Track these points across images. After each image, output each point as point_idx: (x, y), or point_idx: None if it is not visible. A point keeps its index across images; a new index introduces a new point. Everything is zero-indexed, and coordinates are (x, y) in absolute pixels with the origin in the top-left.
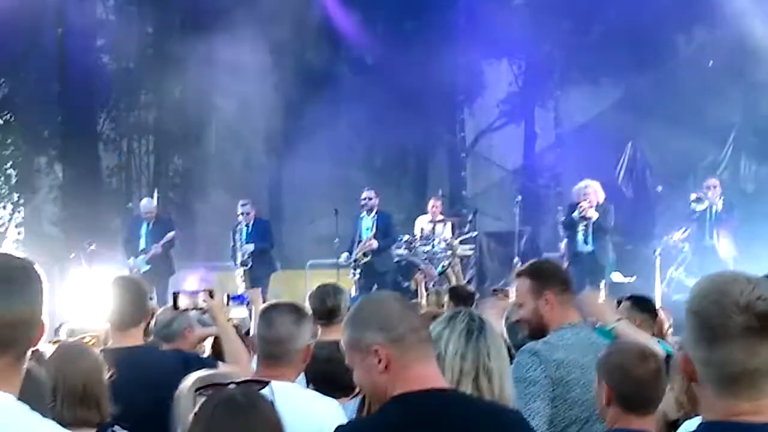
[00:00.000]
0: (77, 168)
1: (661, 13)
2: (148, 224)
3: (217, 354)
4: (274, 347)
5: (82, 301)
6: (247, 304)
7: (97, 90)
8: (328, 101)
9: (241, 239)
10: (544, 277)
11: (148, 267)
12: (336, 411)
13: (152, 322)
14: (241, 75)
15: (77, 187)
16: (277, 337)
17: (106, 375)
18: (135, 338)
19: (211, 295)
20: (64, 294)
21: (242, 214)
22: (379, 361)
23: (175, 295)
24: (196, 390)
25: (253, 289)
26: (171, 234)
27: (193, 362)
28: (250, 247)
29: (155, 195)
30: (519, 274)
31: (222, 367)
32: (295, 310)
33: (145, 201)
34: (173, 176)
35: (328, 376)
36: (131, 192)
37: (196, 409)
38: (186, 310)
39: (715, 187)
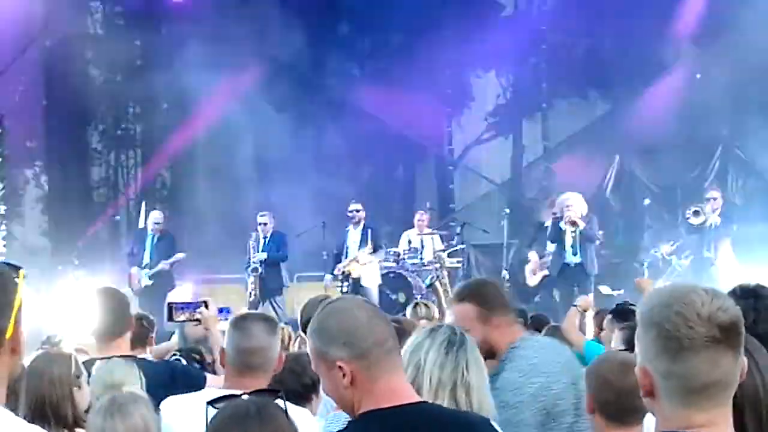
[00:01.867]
0: (64, 180)
1: (650, 27)
2: (154, 237)
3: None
4: (252, 357)
5: (69, 312)
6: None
7: (84, 103)
8: (316, 113)
9: (256, 249)
10: (491, 302)
11: (150, 282)
12: (310, 421)
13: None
14: (228, 87)
15: (64, 199)
16: (255, 347)
17: (80, 384)
18: (120, 348)
19: (206, 305)
20: (51, 305)
21: (260, 224)
22: (344, 376)
23: (170, 307)
24: (208, 403)
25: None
26: (181, 255)
27: (180, 373)
28: (263, 255)
29: (143, 208)
30: (462, 299)
31: (210, 379)
32: (268, 319)
33: (156, 214)
34: (161, 189)
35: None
36: (118, 205)
37: (209, 421)
38: (181, 321)
39: (715, 199)
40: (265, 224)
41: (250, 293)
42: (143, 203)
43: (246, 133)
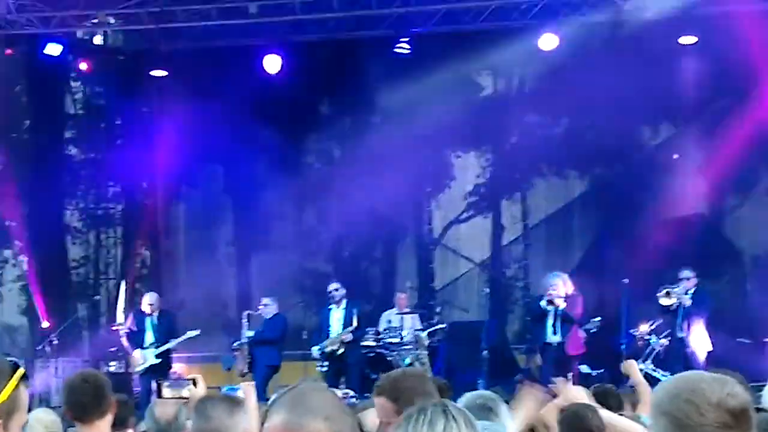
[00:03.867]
0: (43, 259)
1: (627, 107)
2: (153, 318)
3: None
4: None
5: (49, 393)
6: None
7: (64, 182)
8: (295, 192)
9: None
10: (406, 396)
11: (158, 361)
12: None
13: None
14: (207, 165)
15: (43, 278)
16: (214, 428)
17: None
18: (99, 430)
19: (194, 383)
20: (29, 385)
21: (262, 305)
22: None
23: (159, 384)
24: None
25: (248, 383)
26: (195, 333)
27: None
28: (251, 333)
29: (122, 287)
30: (379, 393)
31: None
32: (229, 400)
33: (149, 296)
34: (141, 267)
35: None
36: (98, 284)
37: None
38: (170, 398)
39: (689, 279)
40: (267, 306)
41: (240, 372)
42: (123, 282)
43: (226, 211)
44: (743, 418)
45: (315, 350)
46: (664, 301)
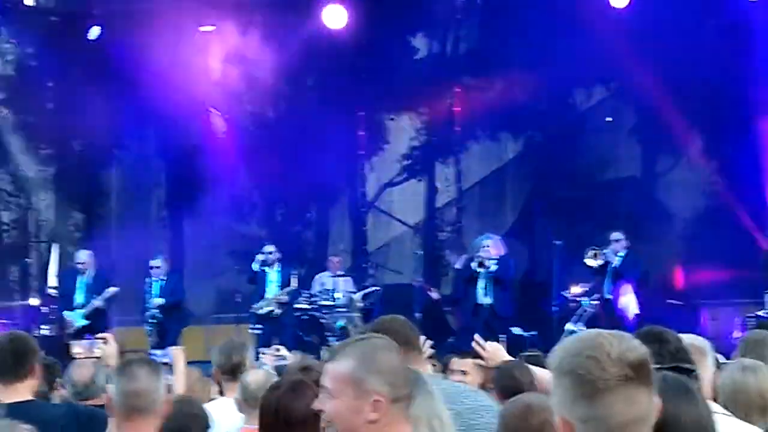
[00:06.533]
0: None
1: (560, 69)
2: (84, 276)
3: None
4: (137, 400)
5: None
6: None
7: None
8: (229, 154)
9: (150, 294)
10: (395, 338)
11: (86, 322)
12: None
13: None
14: (141, 127)
15: None
16: (140, 390)
17: None
18: (20, 393)
19: (105, 342)
20: None
21: (152, 268)
22: (374, 411)
23: (68, 344)
24: None
25: (176, 347)
26: (114, 290)
27: (85, 416)
28: (160, 300)
29: (55, 249)
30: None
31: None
32: (152, 362)
33: (80, 252)
34: (73, 231)
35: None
36: (29, 247)
37: None
38: (80, 357)
39: (618, 240)
40: (158, 267)
41: (152, 343)
42: (54, 245)
43: (159, 175)
44: (643, 371)
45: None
46: (590, 262)
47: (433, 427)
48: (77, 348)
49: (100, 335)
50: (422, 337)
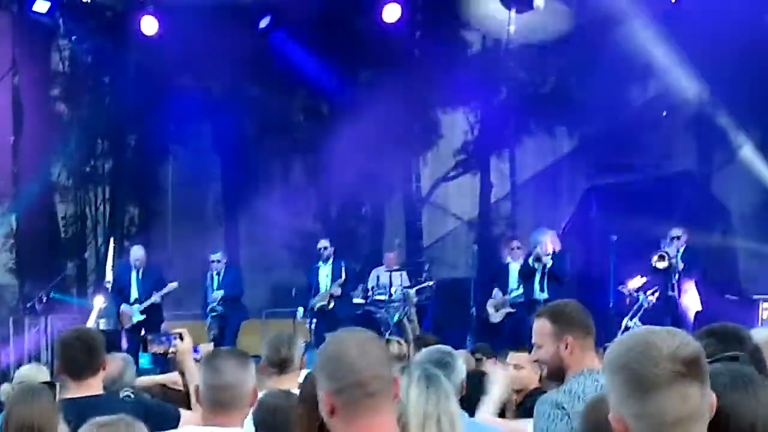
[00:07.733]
0: (32, 217)
1: (615, 63)
2: (139, 272)
3: (169, 400)
4: (222, 393)
5: (38, 350)
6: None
7: (51, 140)
8: (283, 150)
9: (212, 287)
10: (566, 320)
11: (143, 317)
12: None
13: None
14: (198, 125)
15: (32, 236)
16: (225, 383)
17: (59, 418)
18: (92, 387)
19: (181, 338)
20: (20, 344)
21: (213, 261)
22: (324, 406)
23: (144, 339)
24: None
25: (206, 344)
26: (173, 285)
27: (154, 411)
28: (221, 293)
29: (111, 245)
30: (539, 315)
31: (185, 414)
32: (239, 354)
33: (135, 248)
34: (129, 225)
35: (273, 426)
36: (87, 242)
37: None
38: (157, 353)
39: (678, 237)
40: (219, 261)
41: (213, 336)
42: (111, 240)
43: (214, 169)
44: (695, 367)
45: (300, 311)
46: (660, 265)
47: (442, 426)
48: (153, 345)
49: (177, 330)
50: None
